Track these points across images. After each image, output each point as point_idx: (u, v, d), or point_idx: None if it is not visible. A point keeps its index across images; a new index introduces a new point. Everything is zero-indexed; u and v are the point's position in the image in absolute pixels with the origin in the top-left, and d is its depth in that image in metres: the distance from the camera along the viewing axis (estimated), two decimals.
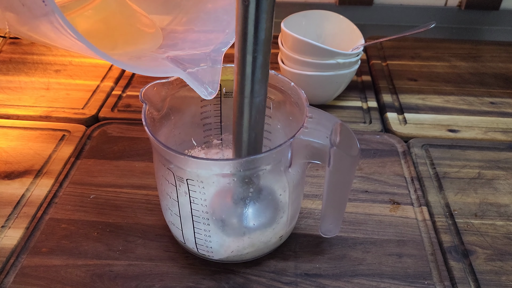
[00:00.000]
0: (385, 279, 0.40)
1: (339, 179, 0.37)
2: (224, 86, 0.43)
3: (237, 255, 0.40)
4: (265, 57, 0.31)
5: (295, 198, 0.40)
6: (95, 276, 0.40)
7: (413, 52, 0.77)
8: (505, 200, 0.49)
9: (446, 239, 0.44)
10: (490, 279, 0.41)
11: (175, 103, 0.41)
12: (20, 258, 0.42)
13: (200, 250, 0.40)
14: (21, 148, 0.55)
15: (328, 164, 0.35)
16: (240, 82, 0.33)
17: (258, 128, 0.35)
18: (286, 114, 0.42)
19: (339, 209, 0.40)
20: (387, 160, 0.54)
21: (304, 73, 0.59)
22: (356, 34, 0.62)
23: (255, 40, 0.30)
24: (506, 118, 0.61)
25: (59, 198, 0.48)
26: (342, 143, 0.35)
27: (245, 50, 0.31)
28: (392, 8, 0.88)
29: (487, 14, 0.87)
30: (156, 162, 0.39)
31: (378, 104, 0.65)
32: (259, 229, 0.39)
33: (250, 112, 0.34)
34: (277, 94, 0.42)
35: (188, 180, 0.35)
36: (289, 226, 0.41)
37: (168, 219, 0.42)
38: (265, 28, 0.30)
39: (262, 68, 0.32)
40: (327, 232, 0.42)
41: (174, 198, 0.38)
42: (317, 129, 0.35)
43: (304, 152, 0.36)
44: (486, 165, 0.53)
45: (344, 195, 0.39)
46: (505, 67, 0.73)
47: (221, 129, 0.46)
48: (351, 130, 0.36)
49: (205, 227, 0.38)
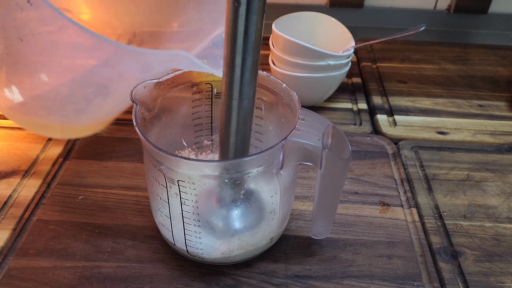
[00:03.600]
0: (375, 280, 0.40)
1: (331, 182, 0.37)
2: (215, 86, 0.43)
3: (228, 257, 0.40)
4: (255, 59, 0.31)
5: (286, 200, 0.40)
6: (84, 278, 0.40)
7: (403, 54, 0.78)
8: (493, 202, 0.49)
9: (435, 241, 0.44)
10: (478, 280, 0.41)
11: (166, 103, 0.41)
12: (6, 260, 0.41)
13: (190, 251, 0.40)
14: (8, 148, 0.54)
15: (320, 166, 0.35)
16: (229, 84, 0.32)
17: (246, 130, 0.35)
18: (278, 116, 0.41)
19: (330, 211, 0.40)
20: (377, 162, 0.54)
21: (294, 75, 0.59)
22: (346, 36, 0.63)
23: (245, 42, 0.30)
24: (494, 121, 0.62)
25: (47, 199, 0.47)
26: (334, 146, 0.34)
27: (234, 51, 0.30)
28: (382, 10, 0.88)
29: (476, 18, 0.88)
30: (147, 163, 0.39)
31: (368, 106, 0.65)
32: (250, 231, 0.39)
33: (238, 114, 0.34)
34: (269, 95, 0.41)
35: (179, 182, 0.35)
36: (280, 228, 0.41)
37: (158, 220, 0.41)
38: (255, 30, 0.29)
39: (252, 70, 0.31)
40: (318, 234, 0.42)
41: (164, 199, 0.38)
42: (309, 131, 0.35)
43: (296, 154, 0.36)
44: (475, 167, 0.54)
45: (335, 197, 0.39)
46: (493, 70, 0.74)
47: (212, 129, 0.46)
48: (343, 133, 0.36)
49: (196, 228, 0.38)
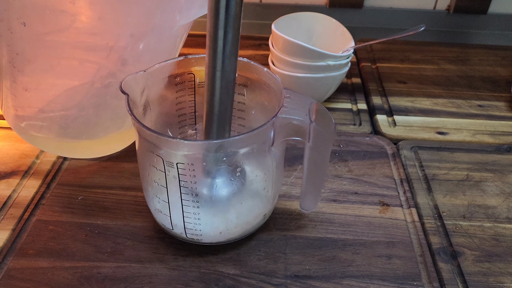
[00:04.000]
0: (374, 280, 0.40)
1: (318, 154, 0.39)
2: (197, 76, 0.44)
3: (226, 236, 0.41)
4: (235, 32, 0.34)
5: (278, 176, 0.42)
6: (83, 278, 0.40)
7: (402, 55, 0.78)
8: (493, 202, 0.49)
9: (434, 241, 0.44)
10: (478, 280, 0.41)
11: (151, 94, 0.42)
12: (6, 260, 0.41)
13: (188, 234, 0.41)
14: (8, 148, 0.54)
15: (308, 139, 0.37)
16: (212, 56, 0.35)
17: (228, 100, 0.37)
18: (261, 100, 0.43)
19: (318, 185, 0.42)
20: (377, 162, 0.54)
21: (294, 75, 0.59)
22: (346, 36, 0.63)
23: (226, 15, 0.32)
24: (494, 121, 0.62)
25: (46, 199, 0.47)
26: (319, 120, 0.37)
27: (217, 25, 0.33)
28: (382, 11, 0.88)
29: (475, 18, 0.88)
30: (143, 152, 0.39)
31: (367, 106, 0.65)
32: (246, 208, 0.41)
33: (221, 84, 0.36)
34: (251, 81, 0.43)
35: (178, 164, 0.36)
36: (272, 205, 0.43)
37: (154, 207, 0.42)
38: (235, 4, 0.32)
39: (232, 42, 0.34)
40: (306, 207, 0.44)
41: (162, 184, 0.39)
42: (296, 108, 0.37)
43: (285, 130, 0.38)
44: (474, 167, 0.54)
45: (322, 170, 0.41)
46: (493, 71, 0.74)
47: (195, 119, 0.47)
48: (326, 109, 0.38)
49: (195, 210, 0.39)
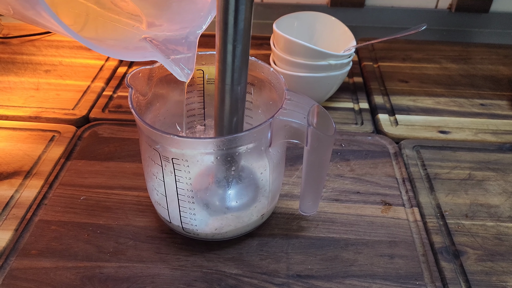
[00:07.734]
0: (376, 280, 0.40)
1: (316, 158, 0.38)
2: (206, 73, 0.44)
3: (222, 233, 0.42)
4: (245, 46, 0.33)
5: (276, 177, 0.42)
6: (85, 278, 0.40)
7: (404, 54, 0.78)
8: (495, 201, 0.49)
9: (437, 240, 0.44)
10: (480, 279, 0.41)
11: (160, 88, 0.42)
12: (9, 261, 0.41)
13: (185, 227, 0.41)
14: (10, 149, 0.54)
15: (306, 143, 0.37)
16: (221, 70, 0.34)
17: (239, 113, 0.37)
18: (267, 99, 0.43)
19: (317, 187, 0.42)
20: (379, 161, 0.54)
21: (296, 74, 0.59)
22: (347, 35, 0.63)
23: (235, 30, 0.32)
24: (496, 120, 0.62)
25: (48, 199, 0.47)
26: (319, 123, 0.36)
27: (226, 39, 0.33)
28: (384, 10, 0.88)
29: (477, 17, 0.88)
30: (143, 145, 0.40)
31: (369, 105, 0.65)
32: (241, 206, 0.41)
33: (231, 98, 0.36)
34: (258, 80, 0.43)
35: (173, 160, 0.37)
36: (270, 205, 0.43)
37: (154, 199, 0.43)
38: (244, 18, 0.32)
39: (242, 56, 0.34)
40: (306, 210, 0.44)
41: (160, 178, 0.39)
42: (295, 110, 0.37)
43: (283, 132, 0.38)
44: (477, 166, 0.54)
45: (321, 173, 0.41)
46: (495, 69, 0.74)
47: (204, 115, 0.47)
48: (327, 112, 0.38)
49: (190, 205, 0.39)
